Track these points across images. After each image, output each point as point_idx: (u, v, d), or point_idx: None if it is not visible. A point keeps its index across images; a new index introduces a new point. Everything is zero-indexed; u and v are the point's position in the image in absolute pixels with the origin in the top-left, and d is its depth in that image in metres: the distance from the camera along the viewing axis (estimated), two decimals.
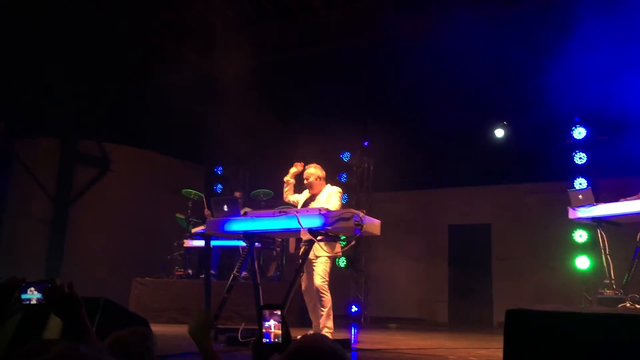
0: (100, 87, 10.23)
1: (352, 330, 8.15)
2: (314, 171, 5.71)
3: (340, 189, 5.71)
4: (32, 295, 1.97)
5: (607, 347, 1.88)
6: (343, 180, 10.40)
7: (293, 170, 5.82)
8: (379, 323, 9.72)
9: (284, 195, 5.90)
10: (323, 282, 5.33)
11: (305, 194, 5.80)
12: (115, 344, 2.05)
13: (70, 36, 9.03)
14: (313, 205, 5.40)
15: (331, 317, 5.34)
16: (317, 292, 5.33)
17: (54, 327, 2.56)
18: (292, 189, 5.87)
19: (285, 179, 5.85)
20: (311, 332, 5.38)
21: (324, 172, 5.80)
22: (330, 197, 5.51)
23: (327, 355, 1.53)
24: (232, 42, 9.77)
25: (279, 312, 2.77)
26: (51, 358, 1.15)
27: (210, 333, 2.33)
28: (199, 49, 9.88)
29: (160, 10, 9.15)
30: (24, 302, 1.98)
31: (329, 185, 5.76)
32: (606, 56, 7.53)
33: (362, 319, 10.06)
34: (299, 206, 5.67)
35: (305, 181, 5.72)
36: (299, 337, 1.77)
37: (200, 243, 8.21)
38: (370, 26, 8.98)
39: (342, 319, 9.45)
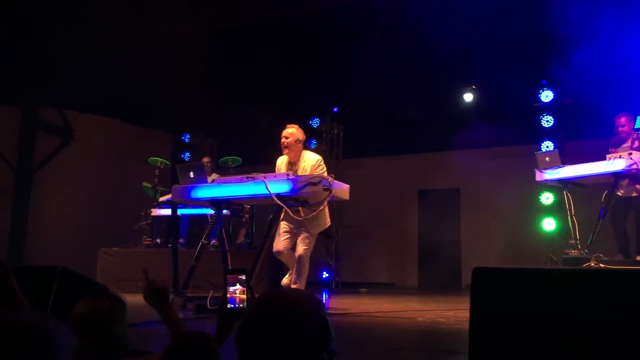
0: (60, 53, 9.88)
1: (324, 296, 8.18)
2: (294, 132, 5.38)
3: (321, 158, 5.45)
4: None
5: (571, 302, 1.88)
6: (312, 146, 10.31)
7: None
8: (350, 288, 9.78)
9: None
10: (306, 251, 5.27)
11: (282, 161, 5.50)
12: (82, 318, 1.90)
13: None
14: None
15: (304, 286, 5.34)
16: (299, 261, 5.26)
17: None
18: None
19: None
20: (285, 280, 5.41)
21: (304, 136, 5.49)
22: (316, 171, 5.21)
23: None
24: (193, 6, 9.52)
25: (243, 277, 2.72)
26: None
27: (168, 298, 2.25)
28: (161, 13, 9.59)
29: None
30: None
31: (308, 152, 5.48)
32: (573, 19, 7.54)
33: (333, 285, 10.12)
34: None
35: (283, 140, 5.37)
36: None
37: (168, 212, 8.10)
38: None
39: (313, 285, 9.48)
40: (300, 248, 5.27)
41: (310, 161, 5.34)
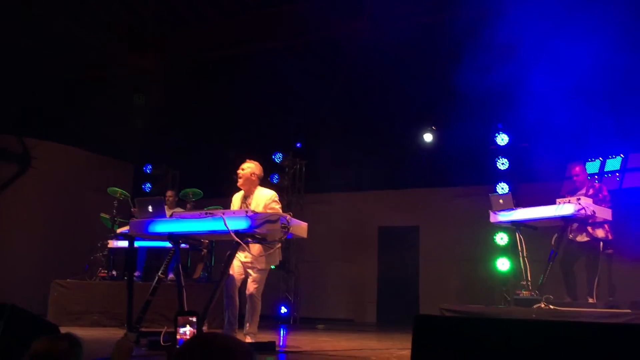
0: (22, 80, 9.78)
1: (281, 332, 8.14)
2: (252, 166, 5.44)
3: (275, 194, 5.48)
4: None
5: (512, 353, 1.95)
6: (275, 181, 10.37)
7: None
8: (309, 324, 9.75)
9: None
10: (258, 290, 5.25)
11: (238, 197, 5.53)
12: (37, 357, 1.93)
13: None
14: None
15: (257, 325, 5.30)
16: (251, 299, 5.24)
17: None
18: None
19: None
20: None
21: (261, 173, 5.53)
22: (270, 206, 5.25)
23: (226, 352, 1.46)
24: (162, 37, 9.58)
25: (194, 319, 2.75)
26: None
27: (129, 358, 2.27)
28: (127, 41, 9.63)
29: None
30: None
31: (262, 188, 5.51)
32: (528, 66, 7.85)
33: (292, 320, 10.08)
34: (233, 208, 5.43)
35: (239, 171, 5.42)
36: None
37: (126, 243, 7.98)
38: (302, 28, 9.00)
39: (271, 320, 9.44)
40: (252, 286, 5.25)
41: (264, 197, 5.37)
